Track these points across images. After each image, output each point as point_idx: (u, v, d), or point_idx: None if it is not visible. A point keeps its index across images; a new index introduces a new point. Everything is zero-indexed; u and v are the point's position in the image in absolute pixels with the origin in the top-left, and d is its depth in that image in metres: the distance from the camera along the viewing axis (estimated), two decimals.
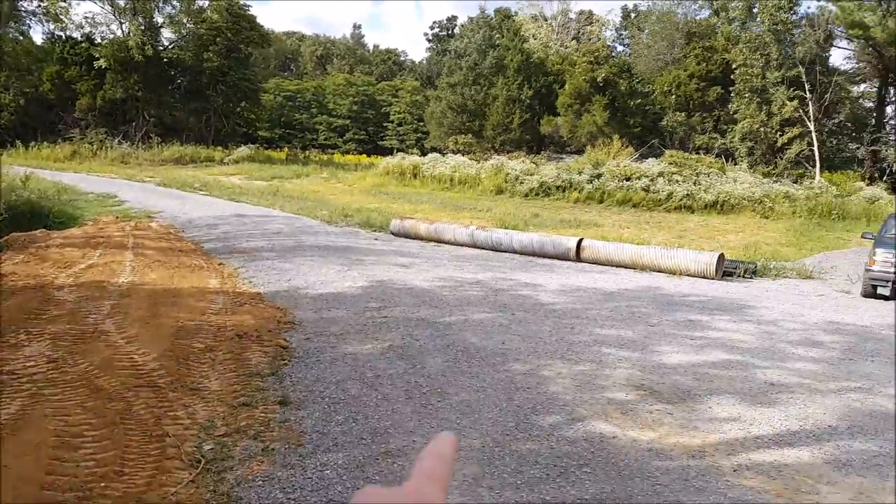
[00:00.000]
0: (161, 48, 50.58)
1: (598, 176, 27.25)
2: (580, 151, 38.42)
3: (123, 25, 48.14)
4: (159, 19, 50.54)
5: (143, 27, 48.02)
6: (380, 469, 4.06)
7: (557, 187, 27.65)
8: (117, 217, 16.86)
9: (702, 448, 4.51)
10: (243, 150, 44.72)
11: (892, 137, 33.53)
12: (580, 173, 27.76)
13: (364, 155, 58.82)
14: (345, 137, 70.50)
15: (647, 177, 26.12)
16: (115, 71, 45.25)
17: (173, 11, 50.51)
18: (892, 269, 11.10)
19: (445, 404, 5.15)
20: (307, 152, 57.10)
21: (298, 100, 70.93)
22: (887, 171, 33.11)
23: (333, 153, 62.37)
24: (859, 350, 7.50)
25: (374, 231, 18.23)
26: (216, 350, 6.22)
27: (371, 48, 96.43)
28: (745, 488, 3.92)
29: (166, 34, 51.79)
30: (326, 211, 21.57)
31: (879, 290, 11.35)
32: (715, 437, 4.70)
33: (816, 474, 4.16)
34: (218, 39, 49.31)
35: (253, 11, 54.26)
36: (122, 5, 47.94)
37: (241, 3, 51.35)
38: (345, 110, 70.04)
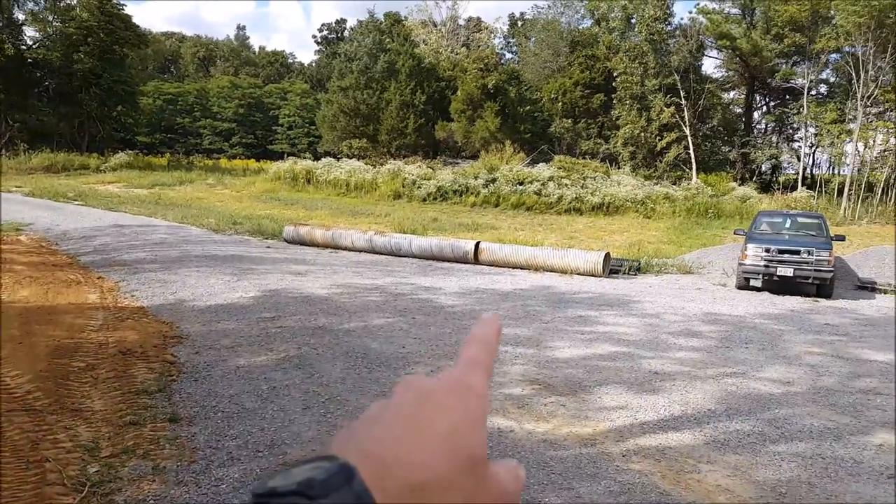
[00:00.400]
0: (24, 48, 46.90)
1: (493, 180, 27.93)
2: (475, 156, 39.16)
3: None
4: (20, 16, 46.86)
5: (1, 24, 44.30)
6: None
7: (455, 191, 28.07)
8: None
9: (593, 436, 4.74)
10: (121, 157, 42.20)
11: (760, 141, 36.49)
12: (476, 178, 28.33)
13: (253, 160, 57.12)
14: (231, 141, 68.11)
15: (539, 181, 27.05)
16: None
17: (37, 8, 46.96)
18: (763, 263, 12.15)
19: (345, 412, 5.11)
20: (191, 158, 54.82)
21: (180, 103, 67.76)
22: (756, 172, 36.01)
23: (219, 158, 60.19)
24: (734, 338, 8.14)
25: (267, 239, 17.76)
26: (98, 368, 5.86)
27: (257, 50, 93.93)
28: (633, 472, 4.17)
29: (30, 32, 48.10)
30: (213, 219, 20.78)
31: (752, 282, 12.40)
32: (605, 426, 4.96)
33: (697, 455, 4.49)
34: (89, 39, 46.26)
35: (128, 11, 51.36)
36: None
37: (115, 1, 48.45)
38: (230, 113, 67.63)
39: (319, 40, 79.78)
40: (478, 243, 14.82)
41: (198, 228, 19.15)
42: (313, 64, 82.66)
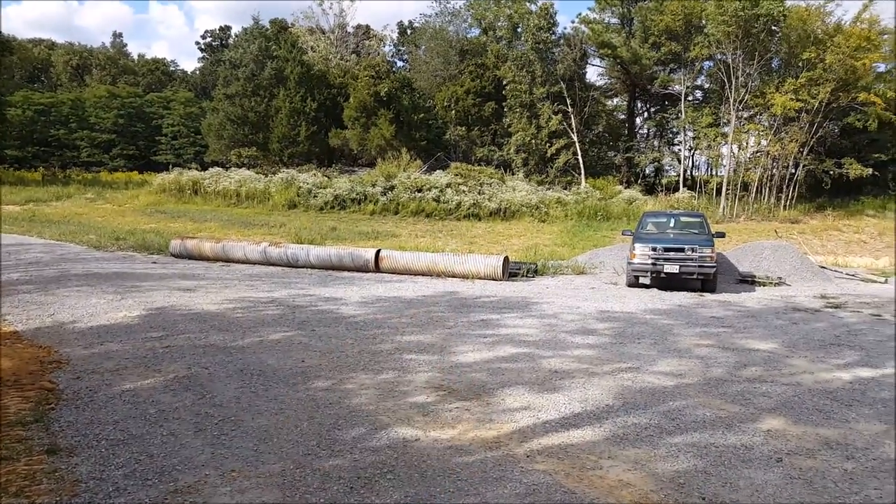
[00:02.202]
0: None
1: (392, 188, 27.86)
2: (371, 164, 38.94)
3: None
4: None
5: None
6: None
7: (353, 200, 27.77)
8: None
9: (497, 439, 4.73)
10: None
11: (643, 145, 38.45)
12: (374, 186, 28.16)
13: (135, 172, 54.12)
14: (111, 153, 64.28)
15: (437, 188, 27.25)
16: None
17: None
18: (650, 261, 12.76)
19: (240, 432, 4.84)
20: (68, 171, 51.27)
21: (54, 114, 63.26)
22: (641, 175, 37.87)
23: (100, 171, 56.67)
24: (627, 334, 8.45)
25: (152, 254, 16.92)
26: None
27: (136, 57, 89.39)
28: (538, 472, 4.18)
29: None
30: (94, 235, 19.67)
31: (641, 280, 13.01)
32: (509, 427, 4.97)
33: (598, 451, 4.57)
34: None
35: None
36: None
37: None
38: (110, 124, 63.82)
39: (203, 47, 76.88)
40: (378, 251, 14.67)
41: (77, 245, 18.14)
42: (197, 72, 79.54)
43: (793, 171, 27.18)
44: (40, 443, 4.56)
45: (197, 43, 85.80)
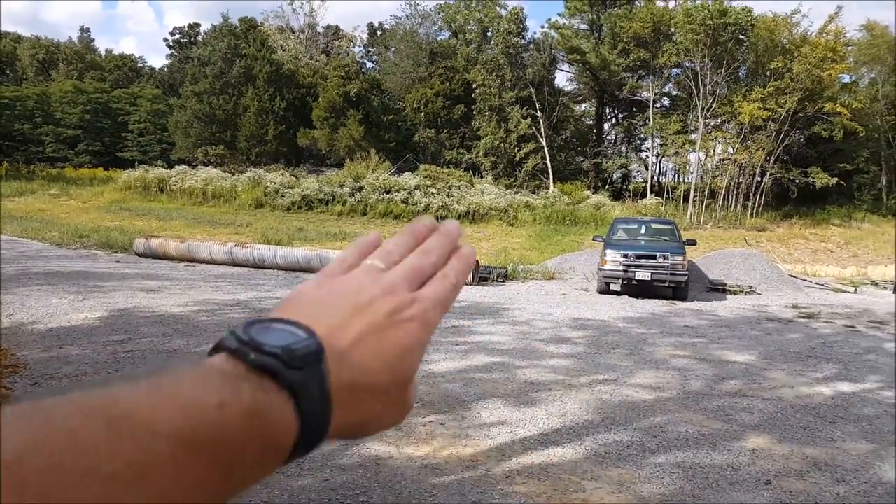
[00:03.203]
0: None
1: (360, 189, 27.58)
2: (340, 165, 38.57)
3: None
4: None
5: None
6: None
7: (320, 200, 27.42)
8: None
9: (474, 457, 4.56)
10: None
11: (611, 151, 38.76)
12: (342, 186, 27.83)
13: (100, 168, 52.75)
14: (77, 149, 62.77)
15: (406, 189, 27.05)
16: None
17: None
18: (622, 268, 12.68)
19: None
20: (32, 167, 49.80)
21: (18, 108, 61.52)
22: (608, 181, 38.17)
23: (64, 167, 55.13)
24: (602, 343, 8.32)
25: (116, 253, 16.43)
26: None
27: (103, 53, 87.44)
28: (518, 495, 4.00)
29: None
30: (57, 232, 19.10)
31: (612, 287, 12.91)
32: (486, 444, 4.79)
33: (580, 471, 4.40)
34: None
35: None
36: None
37: None
38: (75, 120, 62.32)
39: (171, 44, 75.30)
40: None
41: (39, 243, 17.67)
42: (165, 68, 77.97)
43: (759, 179, 27.67)
44: None
45: (165, 40, 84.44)
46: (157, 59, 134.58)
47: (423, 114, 42.31)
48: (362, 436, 0.46)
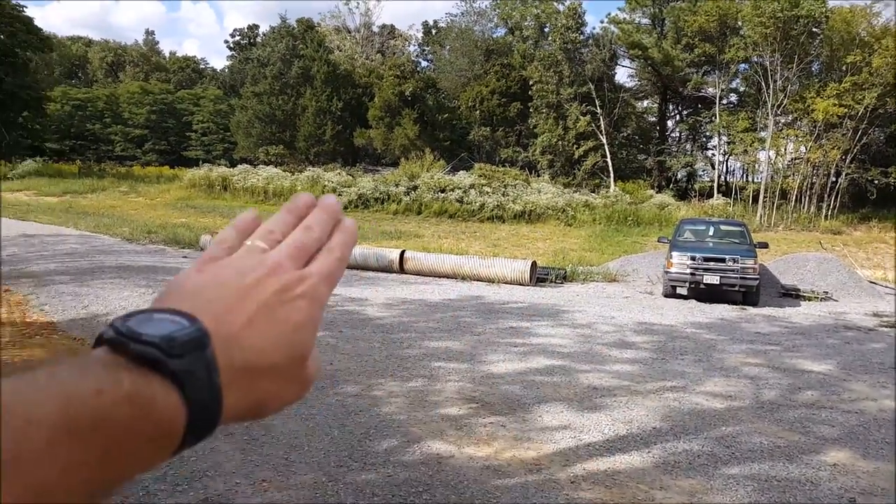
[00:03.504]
0: None
1: (415, 188, 27.67)
2: (395, 164, 38.84)
3: None
4: None
5: None
6: None
7: (376, 199, 27.64)
8: None
9: (538, 461, 4.45)
10: (29, 164, 40.53)
11: (675, 149, 37.74)
12: (397, 185, 27.99)
13: (167, 167, 54.71)
14: (144, 148, 65.41)
15: (461, 189, 26.98)
16: None
17: None
18: (689, 271, 12.23)
19: (270, 438, 4.64)
20: (103, 165, 52.12)
21: (90, 109, 64.67)
22: (672, 180, 37.19)
23: (132, 165, 57.47)
24: (669, 349, 8.01)
25: (183, 248, 16.94)
26: None
27: (167, 55, 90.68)
28: (584, 501, 3.89)
29: None
30: (127, 228, 19.85)
31: (678, 290, 12.45)
32: (549, 448, 4.68)
33: (649, 479, 4.24)
34: None
35: (30, 13, 48.74)
36: None
37: (14, 3, 45.74)
38: (142, 120, 64.99)
39: (232, 45, 77.30)
40: (403, 252, 14.45)
41: (111, 238, 18.35)
42: (226, 69, 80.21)
43: (834, 179, 26.40)
44: None
45: (226, 41, 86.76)
46: (219, 60, 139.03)
47: (478, 112, 42.18)
48: (264, 415, 0.46)
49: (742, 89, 34.90)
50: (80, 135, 63.61)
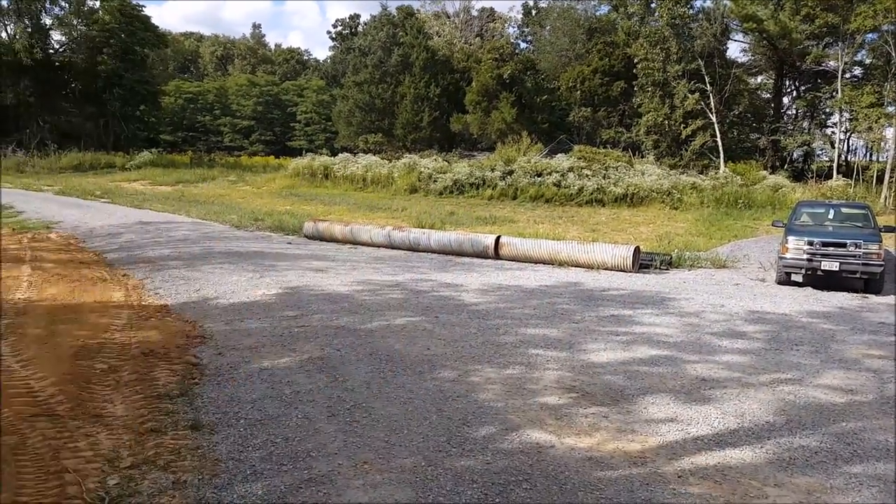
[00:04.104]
0: (52, 51, 47.95)
1: (510, 172, 27.43)
2: (491, 149, 38.71)
3: (8, 27, 45.18)
4: (47, 21, 47.88)
5: (29, 29, 45.34)
6: (304, 499, 3.62)
7: (471, 185, 27.65)
8: (13, 229, 15.73)
9: (642, 453, 4.31)
10: (145, 155, 43.27)
11: (791, 127, 35.41)
12: (492, 170, 27.85)
13: (272, 156, 57.23)
14: (251, 139, 68.62)
15: (558, 172, 26.49)
16: (2, 75, 42.77)
17: (62, 12, 47.87)
18: (805, 256, 11.45)
19: (371, 420, 4.76)
20: (212, 155, 55.21)
21: (200, 101, 68.56)
22: (787, 160, 34.96)
23: (240, 155, 60.48)
24: (783, 339, 7.54)
25: (287, 235, 17.60)
26: (120, 370, 5.67)
27: (273, 47, 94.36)
28: (692, 496, 3.73)
29: (56, 36, 49.47)
30: (235, 215, 20.77)
31: (793, 277, 11.68)
32: (654, 441, 4.52)
33: (762, 476, 4.02)
34: (111, 41, 47.17)
35: (147, 12, 52.20)
36: (5, 6, 44.87)
37: (134, 3, 49.15)
38: (249, 111, 68.21)
39: (334, 36, 79.40)
40: (498, 238, 14.37)
41: (220, 224, 19.23)
42: (328, 60, 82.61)
43: None
44: (185, 417, 4.71)
45: (328, 32, 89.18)
46: (321, 51, 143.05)
47: (578, 92, 41.23)
48: None
49: (868, 61, 32.12)
50: (192, 126, 67.62)
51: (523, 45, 60.53)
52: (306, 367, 5.93)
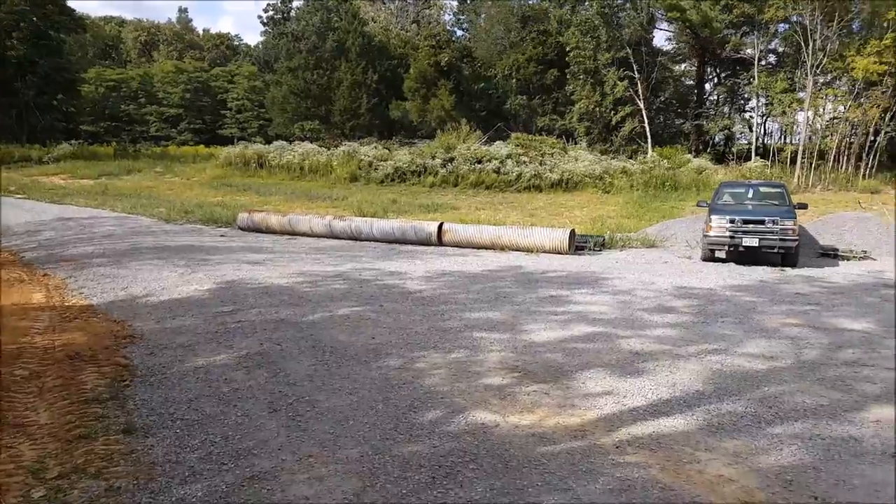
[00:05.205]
0: None
1: (451, 160, 27.55)
2: (431, 136, 38.66)
3: None
4: None
5: None
6: (246, 497, 3.60)
7: (412, 172, 27.65)
8: None
9: (582, 427, 4.48)
10: (65, 147, 41.08)
11: (713, 112, 36.74)
12: (433, 158, 27.91)
13: (202, 146, 55.48)
14: (179, 128, 66.30)
15: (497, 159, 26.79)
16: None
17: None
18: (727, 234, 12.08)
19: (316, 413, 4.74)
20: (138, 146, 53.07)
21: (124, 90, 65.63)
22: (710, 144, 36.28)
23: (168, 145, 58.43)
24: (709, 312, 7.98)
25: (220, 227, 17.23)
26: (44, 376, 5.40)
27: (201, 32, 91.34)
28: (630, 466, 3.91)
29: None
30: (164, 208, 20.19)
31: (717, 254, 12.36)
32: (593, 414, 4.71)
33: (694, 442, 4.26)
34: (21, 24, 44.33)
35: None
36: None
37: None
38: (177, 99, 65.77)
39: (265, 21, 77.31)
40: (441, 224, 14.49)
41: (148, 218, 18.69)
42: (260, 45, 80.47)
43: (873, 138, 25.40)
44: (116, 422, 4.54)
45: (259, 17, 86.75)
46: (253, 36, 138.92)
47: (514, 80, 41.64)
48: None
49: (781, 50, 33.65)
50: (115, 116, 64.65)
51: (459, 32, 60.59)
52: (245, 363, 5.83)
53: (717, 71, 38.89)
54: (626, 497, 3.56)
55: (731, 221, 12.11)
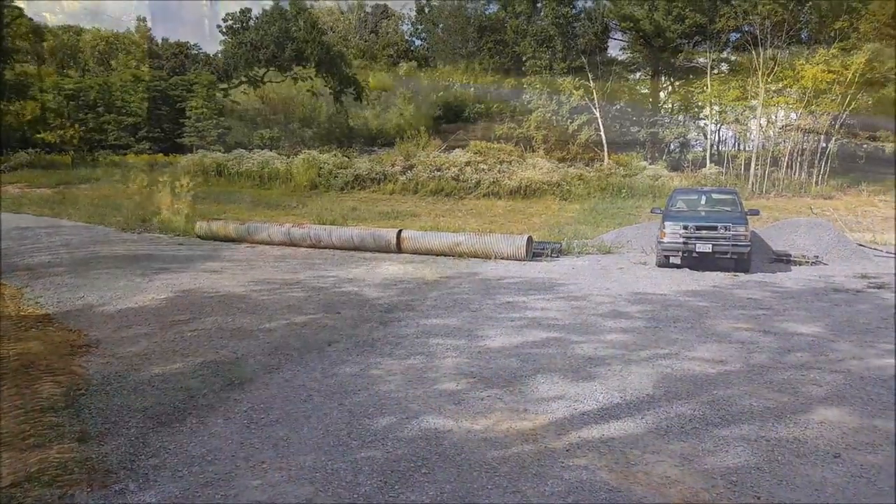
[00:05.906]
0: None
1: (411, 167, 27.64)
2: (390, 144, 38.66)
3: None
4: None
5: None
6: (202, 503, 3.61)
7: (372, 180, 27.64)
8: None
9: (533, 431, 4.57)
10: (21, 156, 40.09)
11: (667, 120, 37.55)
12: (393, 165, 27.97)
13: (161, 154, 54.44)
14: (138, 136, 65.00)
15: (456, 167, 26.97)
16: None
17: None
18: (681, 240, 12.35)
19: (270, 420, 4.76)
20: (96, 154, 51.77)
21: (82, 99, 64.20)
22: (665, 151, 37.06)
23: (126, 154, 57.14)
24: (661, 318, 8.14)
25: (178, 236, 16.95)
26: None
27: (160, 42, 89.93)
28: (578, 468, 4.01)
29: None
30: (121, 217, 19.77)
31: (672, 260, 12.59)
32: (544, 418, 4.80)
33: (642, 445, 4.37)
34: None
35: (19, 3, 48.10)
36: None
37: None
38: (135, 108, 64.58)
39: (224, 30, 76.54)
40: (400, 232, 14.52)
41: (105, 227, 18.39)
42: (219, 54, 79.57)
43: (824, 145, 26.36)
44: (71, 430, 4.52)
45: (218, 26, 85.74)
46: (212, 45, 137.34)
47: (472, 90, 41.95)
48: None
49: (733, 59, 34.66)
50: (73, 125, 63.23)
51: (418, 42, 60.78)
52: (200, 371, 5.80)
53: (672, 79, 39.79)
54: (574, 499, 3.65)
55: (685, 228, 12.39)
